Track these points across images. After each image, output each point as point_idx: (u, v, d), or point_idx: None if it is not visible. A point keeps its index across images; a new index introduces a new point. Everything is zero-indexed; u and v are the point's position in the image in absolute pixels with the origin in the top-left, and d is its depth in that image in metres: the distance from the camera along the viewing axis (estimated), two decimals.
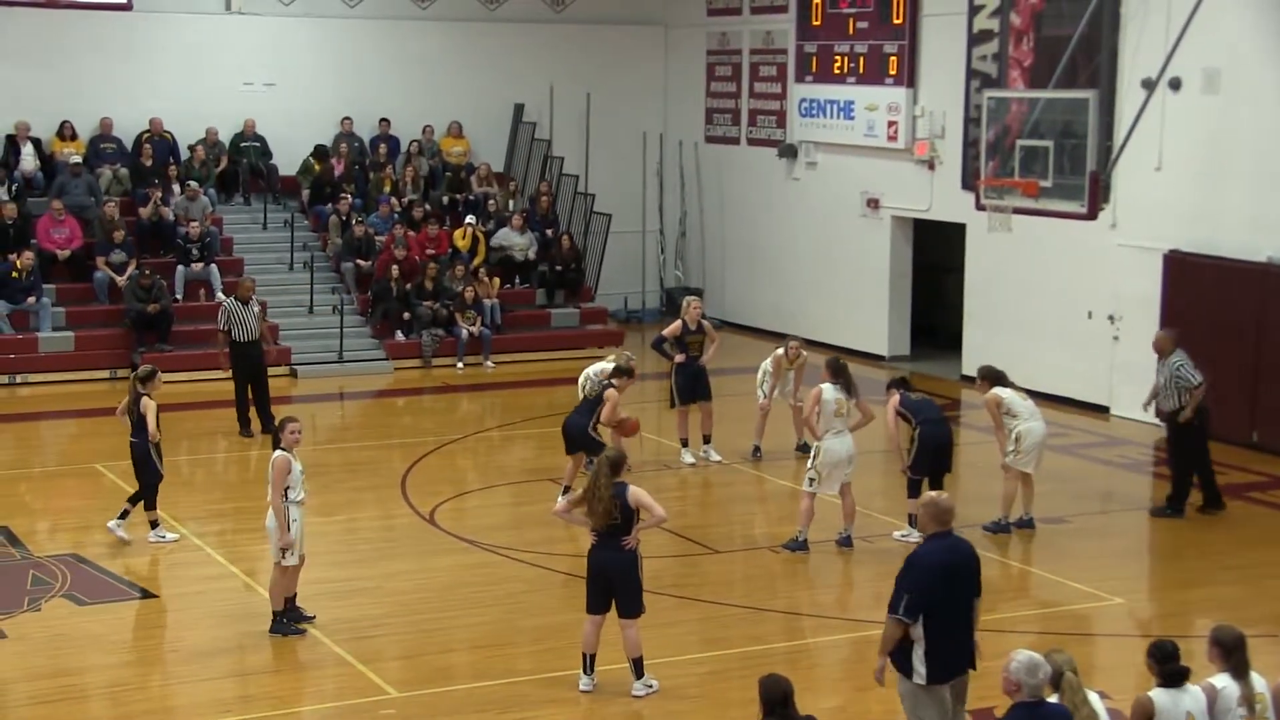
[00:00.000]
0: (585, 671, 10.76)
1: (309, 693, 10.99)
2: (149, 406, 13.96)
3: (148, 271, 21.58)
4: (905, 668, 8.75)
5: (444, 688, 10.85)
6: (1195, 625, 11.45)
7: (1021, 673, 7.52)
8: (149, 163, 23.47)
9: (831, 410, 13.77)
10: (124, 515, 14.08)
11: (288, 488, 11.59)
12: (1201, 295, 18.02)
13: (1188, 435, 14.91)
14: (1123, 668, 10.99)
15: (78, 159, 23.06)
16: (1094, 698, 7.70)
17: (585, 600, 10.69)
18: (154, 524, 14.16)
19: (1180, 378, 14.76)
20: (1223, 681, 7.95)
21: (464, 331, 22.61)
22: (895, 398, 14.11)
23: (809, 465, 13.93)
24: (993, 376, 14.43)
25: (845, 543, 14.01)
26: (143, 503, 14.12)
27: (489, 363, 22.60)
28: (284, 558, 11.66)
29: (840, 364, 14.15)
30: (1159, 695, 7.78)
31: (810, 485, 13.86)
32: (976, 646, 8.91)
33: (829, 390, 13.82)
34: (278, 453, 11.61)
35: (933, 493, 9.14)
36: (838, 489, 13.90)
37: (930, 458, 14.04)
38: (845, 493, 13.96)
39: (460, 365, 22.45)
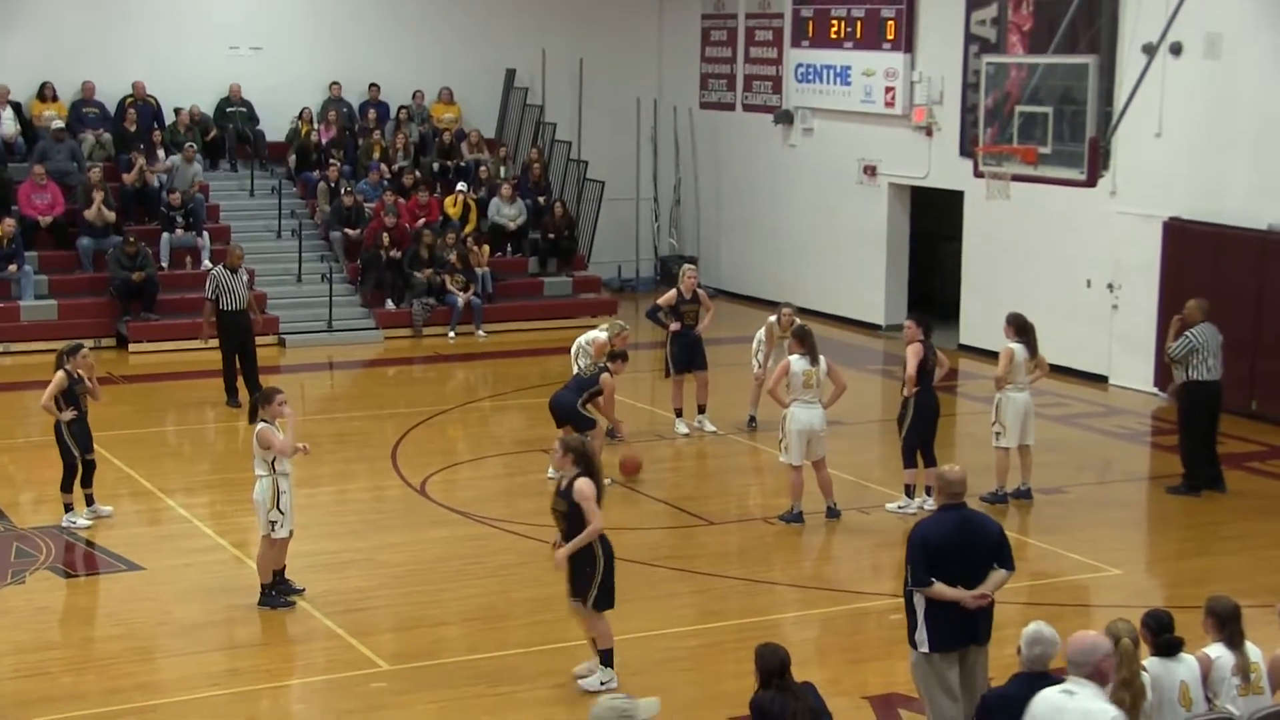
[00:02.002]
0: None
1: (298, 666, 11.04)
2: (54, 379, 13.42)
3: (131, 239, 21.57)
4: (911, 639, 8.86)
5: (435, 660, 10.90)
6: (1192, 596, 11.51)
7: (1021, 643, 7.60)
8: (132, 128, 23.41)
9: (800, 382, 13.76)
10: (88, 504, 13.77)
11: (274, 460, 11.64)
12: (1201, 263, 18.06)
13: (1181, 409, 14.97)
14: None
15: (60, 123, 22.99)
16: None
17: (613, 595, 10.30)
18: (67, 507, 13.68)
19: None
20: (1217, 651, 8.02)
21: (459, 300, 22.63)
22: (920, 346, 13.96)
23: (780, 435, 13.96)
24: (1018, 326, 14.44)
25: (832, 514, 14.05)
26: (61, 483, 13.72)
27: (480, 331, 22.63)
28: (273, 530, 11.70)
29: (805, 331, 14.15)
30: (1153, 664, 7.85)
31: (784, 455, 13.90)
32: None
33: (797, 362, 13.82)
34: (261, 425, 11.65)
35: (945, 466, 9.21)
36: (811, 460, 13.88)
37: (924, 425, 14.09)
38: (819, 467, 13.98)
39: (452, 335, 22.48)
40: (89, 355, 13.74)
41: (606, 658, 10.39)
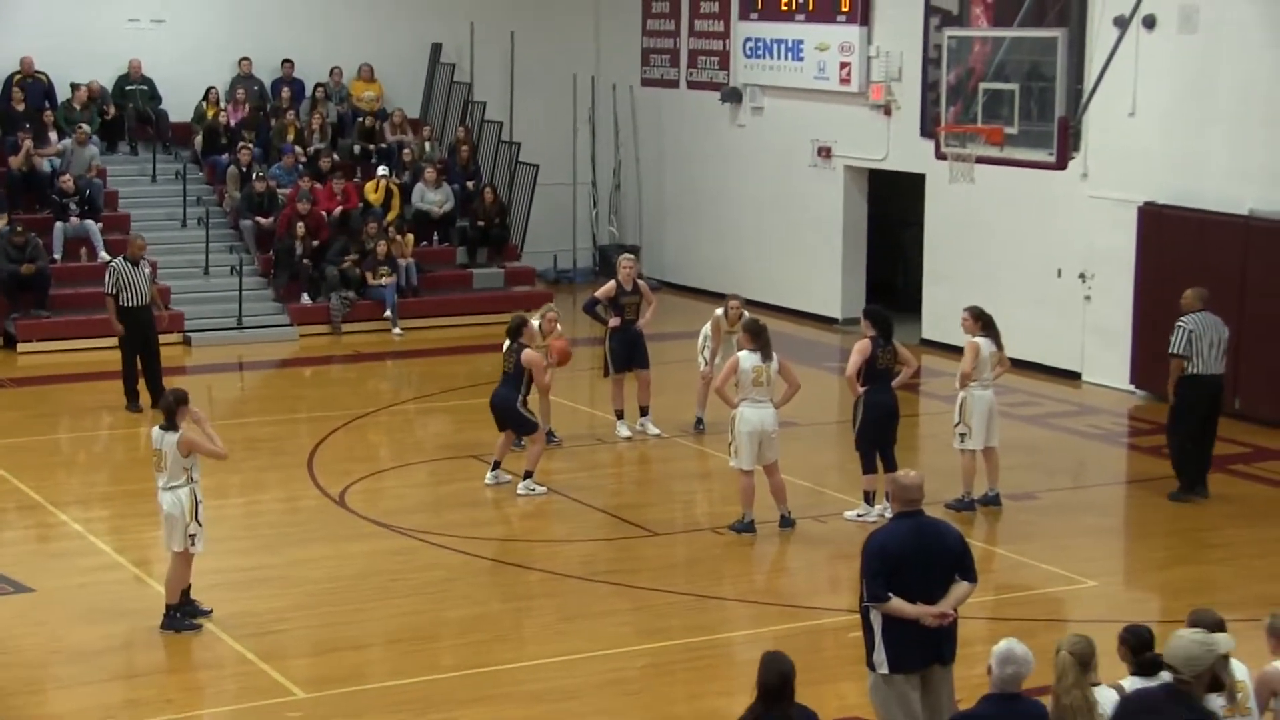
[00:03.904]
0: None
1: (206, 694, 10.91)
2: None
3: (19, 229, 21.27)
4: (869, 660, 8.82)
5: (356, 687, 10.80)
6: (1175, 609, 11.56)
7: (992, 661, 7.59)
8: (20, 107, 23.12)
9: (749, 379, 13.67)
10: None
11: (191, 467, 11.51)
12: (1179, 250, 18.15)
13: (1173, 405, 14.99)
14: (1098, 656, 11.06)
15: None
16: (1105, 693, 7.68)
17: None
18: None
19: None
20: None
21: (392, 293, 22.45)
22: (867, 343, 13.89)
23: (729, 438, 13.89)
24: (985, 320, 14.40)
25: (786, 524, 14.00)
26: None
27: (398, 329, 22.44)
28: (193, 544, 11.54)
29: (758, 325, 14.06)
30: (1132, 684, 7.83)
31: (734, 459, 13.84)
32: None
33: (747, 358, 13.73)
34: (181, 431, 11.47)
35: (900, 471, 9.18)
36: (762, 464, 13.79)
37: (876, 428, 14.04)
38: (772, 471, 13.91)
39: (397, 331, 22.31)
40: None
41: None
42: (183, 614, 11.71)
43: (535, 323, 15.88)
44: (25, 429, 17.34)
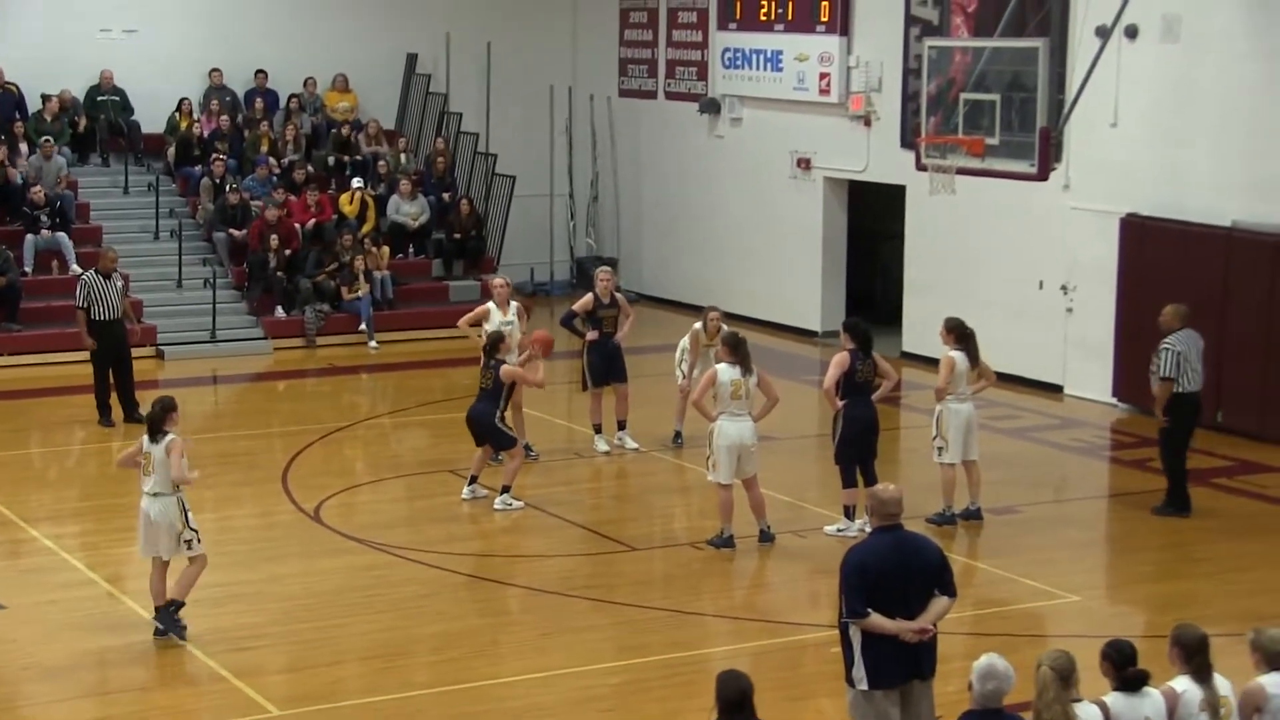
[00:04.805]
0: None
1: (180, 712, 10.88)
2: None
3: None
4: (849, 676, 8.84)
5: (332, 704, 10.79)
6: (1158, 624, 11.60)
7: (973, 677, 7.61)
8: None
9: (727, 393, 13.66)
10: None
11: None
12: (1162, 262, 18.24)
13: (1165, 426, 15.00)
14: (1080, 672, 11.08)
15: None
16: (1087, 709, 7.70)
17: None
18: None
19: (1154, 363, 14.86)
20: (1183, 685, 8.04)
21: (368, 307, 22.46)
22: (846, 356, 13.95)
23: (707, 452, 13.90)
24: (959, 333, 14.43)
25: (765, 538, 14.02)
26: None
27: (374, 343, 22.47)
28: (190, 548, 11.58)
29: (738, 338, 14.07)
30: (1115, 701, 7.86)
31: (712, 473, 13.87)
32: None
33: (725, 371, 13.74)
34: (170, 436, 11.51)
35: (879, 485, 9.21)
36: (741, 478, 13.80)
37: (855, 442, 14.08)
38: (751, 486, 13.92)
39: (374, 344, 22.33)
40: None
41: None
42: (165, 625, 11.65)
43: (489, 305, 15.96)
44: None
